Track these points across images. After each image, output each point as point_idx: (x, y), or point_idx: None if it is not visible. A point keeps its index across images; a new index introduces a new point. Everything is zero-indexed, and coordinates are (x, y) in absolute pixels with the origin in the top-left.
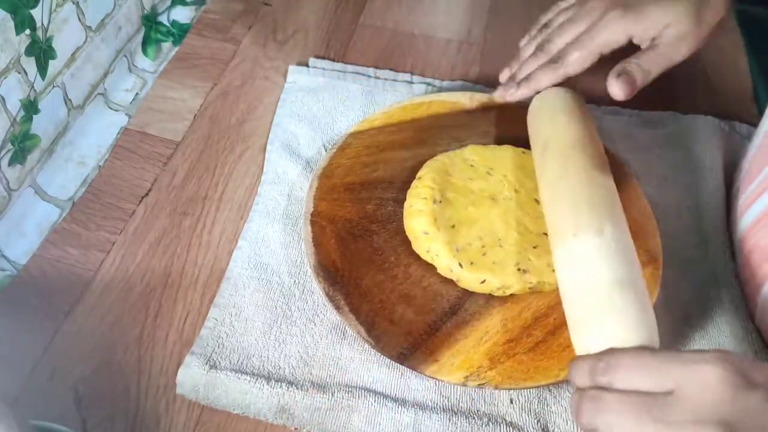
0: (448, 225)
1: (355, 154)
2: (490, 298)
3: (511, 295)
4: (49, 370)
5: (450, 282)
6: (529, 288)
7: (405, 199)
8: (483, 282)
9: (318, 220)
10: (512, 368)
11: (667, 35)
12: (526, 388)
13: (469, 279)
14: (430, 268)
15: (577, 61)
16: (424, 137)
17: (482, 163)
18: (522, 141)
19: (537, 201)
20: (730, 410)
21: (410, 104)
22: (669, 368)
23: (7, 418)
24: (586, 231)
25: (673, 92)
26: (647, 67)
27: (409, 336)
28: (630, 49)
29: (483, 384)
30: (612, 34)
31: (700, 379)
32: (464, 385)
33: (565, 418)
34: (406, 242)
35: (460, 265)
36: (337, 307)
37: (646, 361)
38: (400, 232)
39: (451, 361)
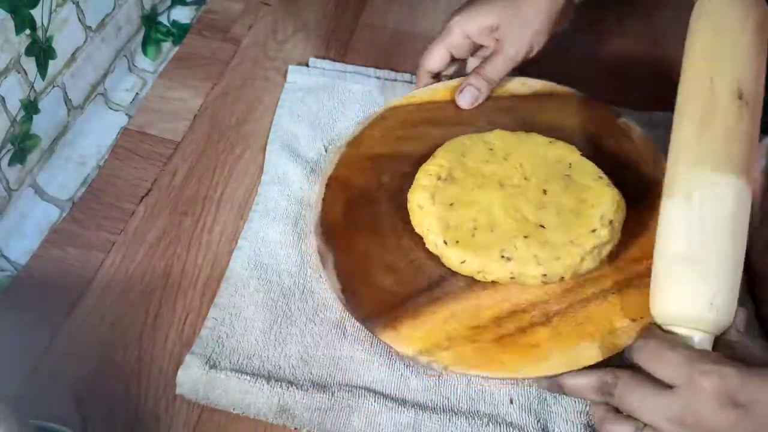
0: (446, 203)
1: (389, 127)
2: (472, 282)
3: (494, 282)
4: (49, 370)
5: (436, 260)
6: (511, 278)
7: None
8: (463, 262)
9: (333, 184)
10: (468, 354)
11: (501, 37)
12: (475, 376)
13: (450, 256)
14: (421, 243)
15: (432, 61)
16: (462, 118)
17: (502, 148)
18: (560, 134)
19: (545, 192)
20: (710, 420)
21: (457, 84)
22: (679, 367)
23: (7, 418)
24: (675, 193)
25: (674, 93)
26: (489, 75)
27: (380, 303)
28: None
29: (432, 362)
30: (453, 37)
31: (696, 387)
32: (414, 359)
33: (565, 419)
34: (408, 216)
35: (445, 242)
36: (323, 263)
37: (664, 353)
38: (405, 205)
39: (409, 333)
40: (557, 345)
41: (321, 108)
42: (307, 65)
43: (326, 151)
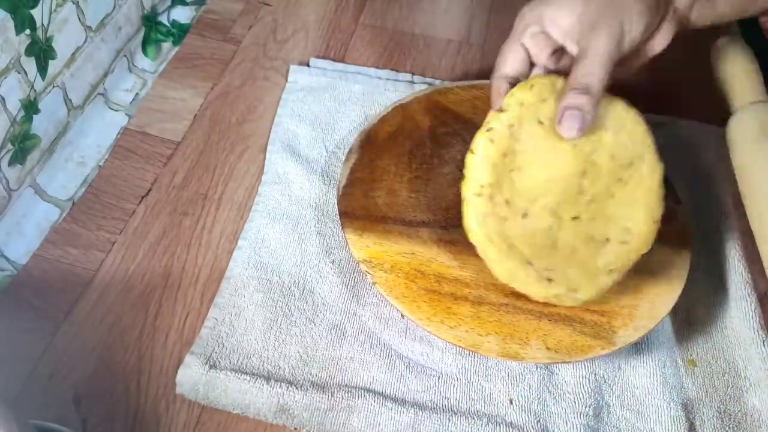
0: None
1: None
2: (440, 241)
3: (460, 249)
4: (49, 370)
5: (427, 206)
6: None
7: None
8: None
9: (394, 115)
10: (398, 286)
11: (587, 34)
12: (390, 303)
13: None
14: (429, 188)
15: (506, 63)
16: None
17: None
18: None
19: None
20: None
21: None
22: None
23: (7, 418)
24: None
25: (673, 95)
26: (587, 83)
27: (364, 210)
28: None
29: (368, 274)
30: (529, 33)
31: None
32: (357, 263)
33: (564, 419)
34: (433, 161)
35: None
36: (347, 157)
37: None
38: (451, 162)
39: (368, 243)
40: (469, 324)
41: (322, 108)
42: (307, 65)
43: (327, 151)
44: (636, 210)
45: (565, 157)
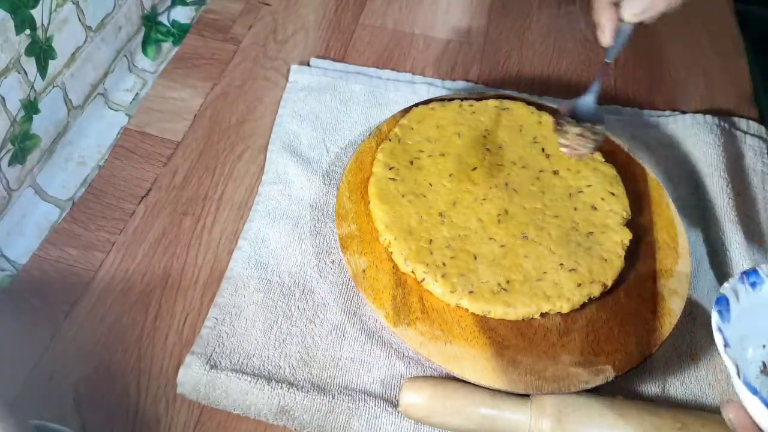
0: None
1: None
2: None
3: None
4: (49, 371)
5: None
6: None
7: None
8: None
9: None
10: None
11: None
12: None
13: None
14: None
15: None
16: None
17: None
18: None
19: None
20: None
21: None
22: None
23: (7, 418)
24: None
25: (673, 92)
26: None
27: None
28: None
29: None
30: None
31: None
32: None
33: None
34: None
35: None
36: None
37: None
38: None
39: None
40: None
41: (323, 108)
42: (308, 65)
43: (328, 151)
44: None
45: None
